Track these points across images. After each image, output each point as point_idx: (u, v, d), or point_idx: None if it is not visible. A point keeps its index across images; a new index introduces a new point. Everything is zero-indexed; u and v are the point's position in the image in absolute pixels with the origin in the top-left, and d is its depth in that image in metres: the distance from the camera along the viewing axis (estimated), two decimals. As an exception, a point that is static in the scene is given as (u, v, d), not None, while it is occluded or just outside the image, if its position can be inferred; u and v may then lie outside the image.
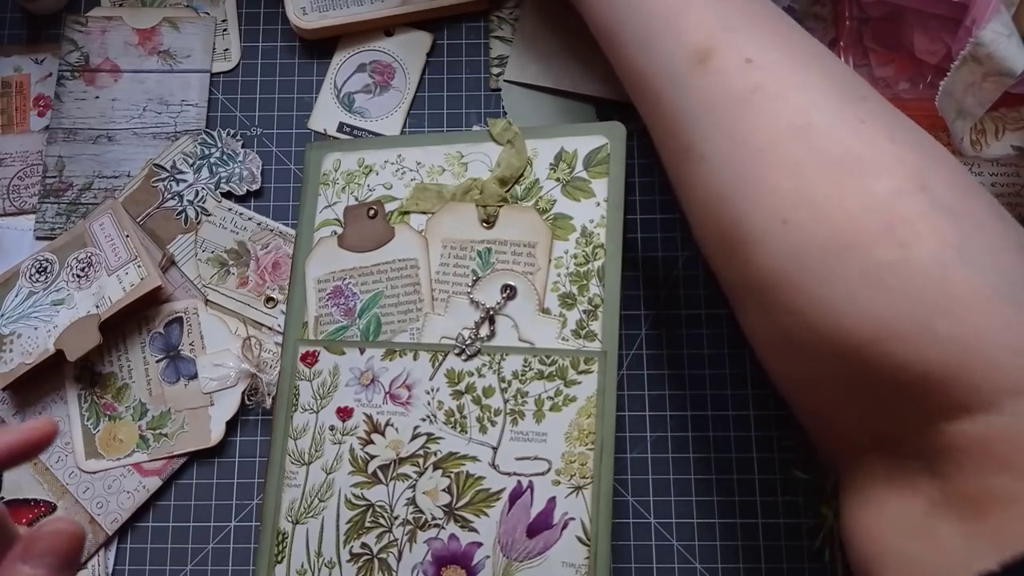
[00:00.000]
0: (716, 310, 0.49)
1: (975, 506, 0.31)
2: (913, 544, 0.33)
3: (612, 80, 0.52)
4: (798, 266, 0.34)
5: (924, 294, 0.32)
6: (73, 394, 0.49)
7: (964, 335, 0.31)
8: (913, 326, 0.32)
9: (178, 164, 0.52)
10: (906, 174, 0.34)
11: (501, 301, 0.44)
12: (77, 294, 0.49)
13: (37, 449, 0.32)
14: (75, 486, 0.48)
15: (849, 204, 0.34)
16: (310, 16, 0.52)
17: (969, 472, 0.31)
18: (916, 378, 0.32)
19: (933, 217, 0.33)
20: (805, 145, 0.35)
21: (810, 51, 0.39)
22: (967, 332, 0.31)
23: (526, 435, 0.42)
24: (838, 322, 0.33)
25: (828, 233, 0.34)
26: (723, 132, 0.37)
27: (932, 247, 0.32)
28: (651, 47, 0.40)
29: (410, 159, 0.48)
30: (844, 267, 0.33)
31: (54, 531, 0.31)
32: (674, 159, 0.41)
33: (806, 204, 0.34)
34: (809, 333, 0.35)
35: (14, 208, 0.52)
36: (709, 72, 0.38)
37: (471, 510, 0.42)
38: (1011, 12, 0.39)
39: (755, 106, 0.36)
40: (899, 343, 0.32)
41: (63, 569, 0.31)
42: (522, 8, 0.54)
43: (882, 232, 0.33)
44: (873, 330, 0.33)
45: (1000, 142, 0.45)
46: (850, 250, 0.33)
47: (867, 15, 0.49)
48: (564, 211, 0.45)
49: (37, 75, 0.54)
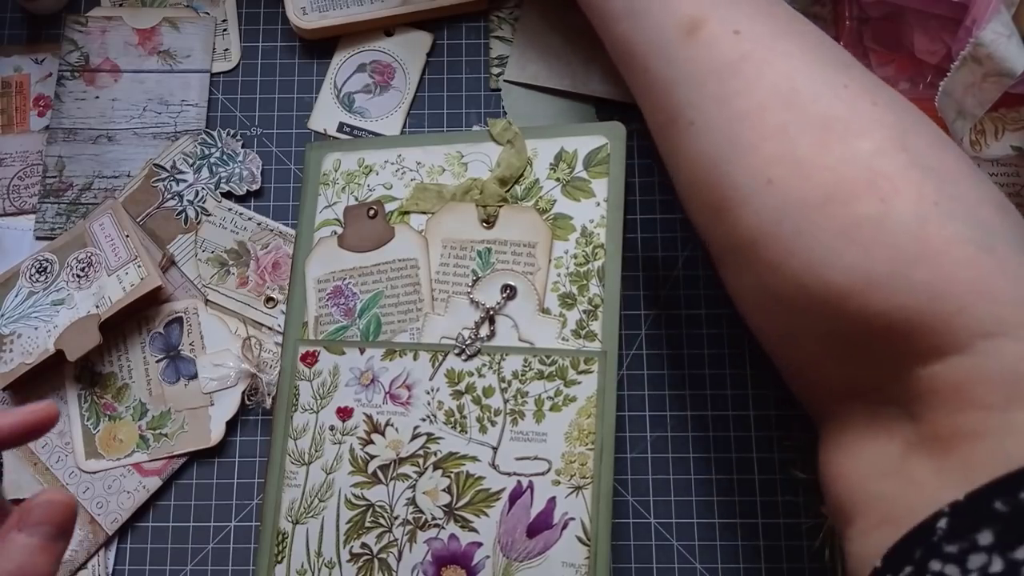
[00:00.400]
0: (716, 310, 0.49)
1: (946, 443, 0.32)
2: (887, 483, 0.34)
3: (612, 80, 0.52)
4: (782, 223, 0.35)
5: (902, 246, 0.33)
6: (73, 394, 0.49)
7: (938, 282, 0.32)
8: (891, 276, 0.33)
9: (178, 164, 0.52)
10: (887, 135, 0.35)
11: (501, 301, 0.44)
12: (77, 294, 0.49)
13: (36, 432, 0.33)
14: (75, 486, 0.48)
15: (832, 163, 0.35)
16: (310, 16, 0.52)
17: (942, 412, 0.33)
18: (893, 325, 0.33)
19: (913, 173, 0.34)
20: (790, 109, 0.36)
21: (795, 24, 0.40)
22: (941, 279, 0.32)
23: (526, 435, 0.42)
24: (820, 275, 0.35)
25: (811, 190, 0.35)
26: (711, 99, 0.38)
27: (911, 202, 0.34)
28: (641, 18, 0.41)
29: (410, 159, 0.48)
30: (826, 222, 0.34)
31: (47, 501, 0.31)
32: (663, 127, 0.42)
33: (790, 164, 0.35)
34: (793, 287, 0.36)
35: (14, 208, 0.52)
36: (698, 43, 0.39)
37: (471, 510, 0.42)
38: (1011, 12, 0.39)
39: (742, 73, 0.38)
40: (877, 292, 0.33)
41: (57, 538, 0.31)
42: (522, 8, 0.54)
43: (863, 188, 0.34)
44: (853, 281, 0.34)
45: (1000, 142, 0.45)
46: (832, 205, 0.34)
47: (867, 15, 0.49)
48: (564, 211, 0.45)
49: (37, 75, 0.54)
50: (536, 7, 0.54)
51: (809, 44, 0.39)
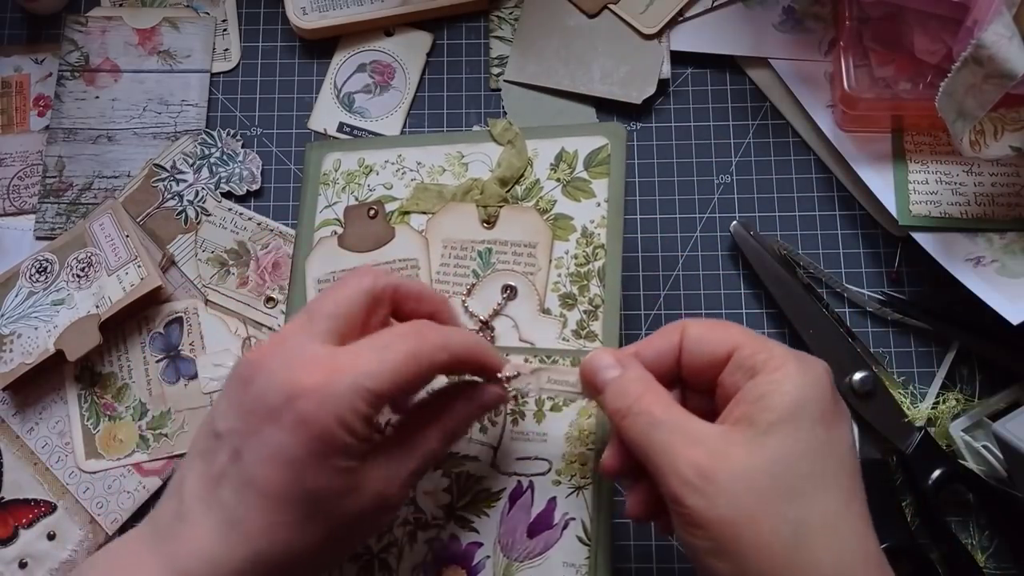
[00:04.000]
0: (716, 310, 0.49)
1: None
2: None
3: (612, 80, 0.52)
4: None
5: None
6: (73, 394, 0.49)
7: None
8: None
9: (178, 164, 0.52)
10: None
11: (502, 301, 0.44)
12: (77, 294, 0.49)
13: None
14: (75, 486, 0.48)
15: None
16: (310, 16, 0.52)
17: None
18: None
19: None
20: None
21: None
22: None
23: (526, 435, 0.42)
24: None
25: None
26: None
27: None
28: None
29: (410, 159, 0.48)
30: None
31: (497, 397, 0.38)
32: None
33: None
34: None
35: (14, 208, 0.52)
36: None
37: (471, 510, 0.42)
38: (1012, 13, 0.39)
39: None
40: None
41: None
42: (522, 8, 0.54)
43: None
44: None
45: (999, 142, 0.45)
46: None
47: (867, 15, 0.49)
48: (564, 211, 0.45)
49: (37, 75, 0.54)
50: (536, 6, 0.54)
51: None
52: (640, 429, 0.33)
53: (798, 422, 0.31)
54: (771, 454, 0.31)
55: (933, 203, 0.47)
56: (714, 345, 0.34)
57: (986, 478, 0.45)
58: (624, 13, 0.52)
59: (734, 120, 0.52)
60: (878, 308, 0.49)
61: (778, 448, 0.31)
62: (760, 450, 0.31)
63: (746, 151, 0.51)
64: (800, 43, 0.52)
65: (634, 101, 0.51)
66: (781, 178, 0.51)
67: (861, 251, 0.50)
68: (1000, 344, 0.46)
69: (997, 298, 0.44)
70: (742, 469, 0.31)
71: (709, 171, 0.51)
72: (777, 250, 0.49)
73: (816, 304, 0.47)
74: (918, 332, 0.49)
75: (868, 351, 0.47)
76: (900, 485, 0.46)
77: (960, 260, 0.46)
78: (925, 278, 0.49)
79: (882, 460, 0.46)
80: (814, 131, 0.51)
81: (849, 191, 0.50)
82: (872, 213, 0.50)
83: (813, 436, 0.31)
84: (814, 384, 0.32)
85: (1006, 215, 0.47)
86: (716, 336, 0.34)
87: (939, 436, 0.46)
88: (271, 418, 0.32)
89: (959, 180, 0.48)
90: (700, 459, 0.31)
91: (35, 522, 0.48)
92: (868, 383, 0.45)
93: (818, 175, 0.51)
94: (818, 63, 0.51)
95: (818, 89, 0.51)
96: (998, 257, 0.46)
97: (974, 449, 0.45)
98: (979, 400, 0.47)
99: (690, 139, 0.52)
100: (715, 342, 0.34)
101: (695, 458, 0.31)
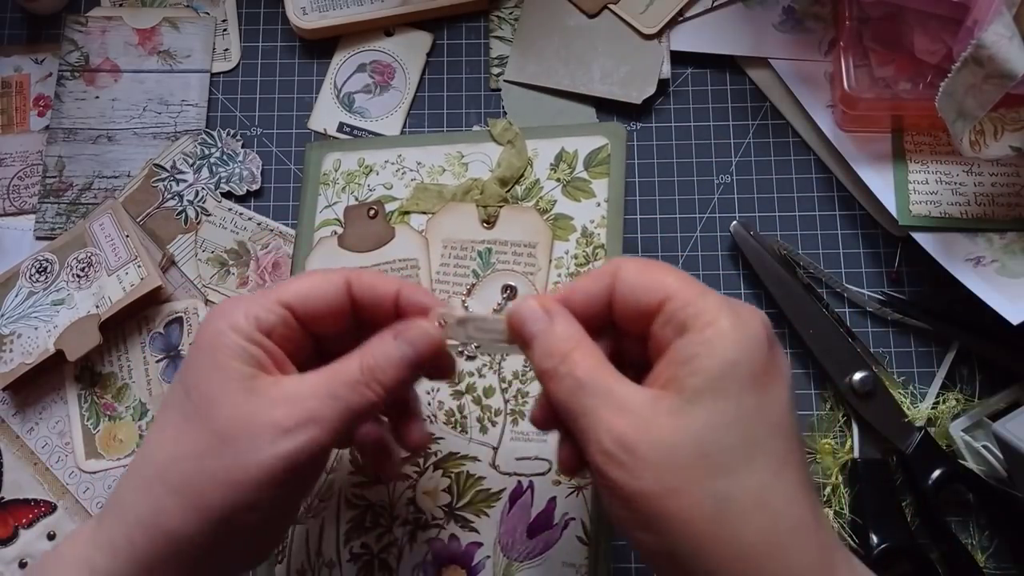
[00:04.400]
0: (716, 310, 0.49)
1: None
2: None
3: (612, 80, 0.52)
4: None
5: None
6: (73, 394, 0.49)
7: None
8: None
9: (178, 164, 0.52)
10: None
11: (502, 301, 0.44)
12: (77, 294, 0.49)
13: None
14: (75, 486, 0.48)
15: None
16: (310, 16, 0.52)
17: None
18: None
19: None
20: None
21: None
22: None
23: (526, 435, 0.42)
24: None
25: None
26: None
27: None
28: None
29: (410, 159, 0.48)
30: None
31: (423, 331, 0.34)
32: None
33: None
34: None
35: (14, 208, 0.52)
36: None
37: (471, 510, 0.42)
38: (1012, 13, 0.39)
39: None
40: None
41: (415, 365, 0.34)
42: (522, 8, 0.54)
43: None
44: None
45: (999, 143, 0.45)
46: None
47: (867, 15, 0.49)
48: (564, 211, 0.45)
49: (37, 75, 0.54)
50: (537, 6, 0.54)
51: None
52: (565, 393, 0.32)
53: (727, 389, 0.30)
54: (697, 425, 0.30)
55: (933, 203, 0.47)
56: (646, 292, 0.32)
57: (986, 478, 0.45)
58: (624, 13, 0.52)
59: (734, 120, 0.52)
60: (878, 308, 0.49)
61: (704, 419, 0.30)
62: (685, 421, 0.30)
63: (746, 151, 0.51)
64: (800, 43, 0.52)
65: (634, 101, 0.51)
66: (781, 178, 0.51)
67: (861, 251, 0.50)
68: (1000, 344, 0.47)
69: (997, 298, 0.44)
70: (666, 442, 0.29)
71: (709, 171, 0.51)
72: (777, 250, 0.49)
73: (816, 304, 0.47)
74: (918, 332, 0.49)
75: (868, 351, 0.47)
76: (900, 485, 0.46)
77: (960, 260, 0.46)
78: (925, 278, 0.49)
79: (882, 460, 0.46)
80: (814, 131, 0.51)
81: (849, 191, 0.50)
82: (872, 213, 0.50)
83: (742, 403, 0.30)
84: (747, 342, 0.30)
85: (1006, 215, 0.47)
86: (648, 282, 0.32)
87: (939, 436, 0.46)
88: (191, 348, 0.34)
89: (959, 180, 0.48)
90: (624, 429, 0.30)
91: (35, 522, 0.48)
92: (868, 383, 0.46)
93: (818, 175, 0.51)
94: (818, 63, 0.51)
95: (818, 89, 0.51)
96: (998, 257, 0.46)
97: (974, 449, 0.45)
98: (979, 400, 0.47)
99: (690, 139, 0.52)
100: (647, 289, 0.32)
101: (619, 428, 0.30)
